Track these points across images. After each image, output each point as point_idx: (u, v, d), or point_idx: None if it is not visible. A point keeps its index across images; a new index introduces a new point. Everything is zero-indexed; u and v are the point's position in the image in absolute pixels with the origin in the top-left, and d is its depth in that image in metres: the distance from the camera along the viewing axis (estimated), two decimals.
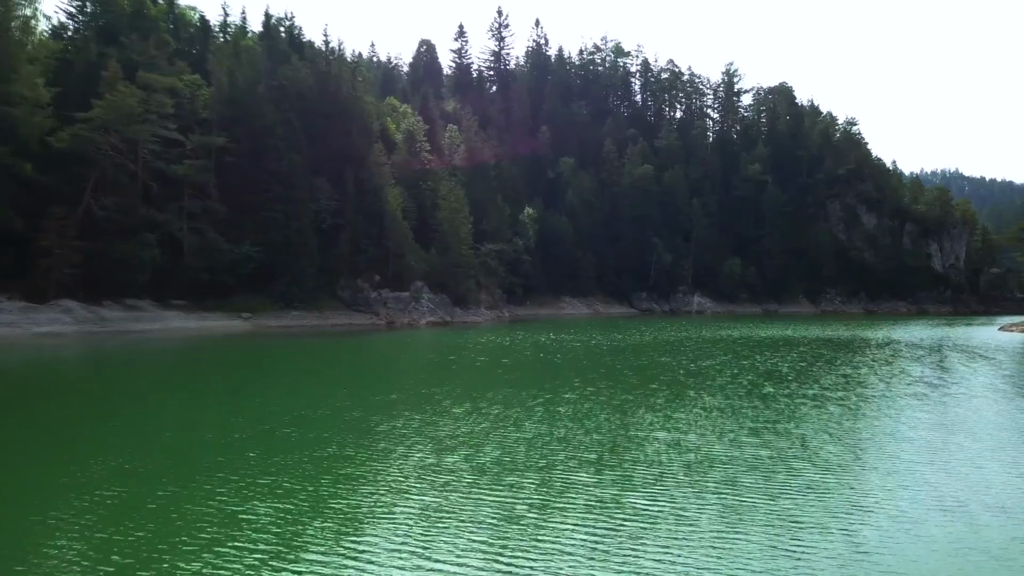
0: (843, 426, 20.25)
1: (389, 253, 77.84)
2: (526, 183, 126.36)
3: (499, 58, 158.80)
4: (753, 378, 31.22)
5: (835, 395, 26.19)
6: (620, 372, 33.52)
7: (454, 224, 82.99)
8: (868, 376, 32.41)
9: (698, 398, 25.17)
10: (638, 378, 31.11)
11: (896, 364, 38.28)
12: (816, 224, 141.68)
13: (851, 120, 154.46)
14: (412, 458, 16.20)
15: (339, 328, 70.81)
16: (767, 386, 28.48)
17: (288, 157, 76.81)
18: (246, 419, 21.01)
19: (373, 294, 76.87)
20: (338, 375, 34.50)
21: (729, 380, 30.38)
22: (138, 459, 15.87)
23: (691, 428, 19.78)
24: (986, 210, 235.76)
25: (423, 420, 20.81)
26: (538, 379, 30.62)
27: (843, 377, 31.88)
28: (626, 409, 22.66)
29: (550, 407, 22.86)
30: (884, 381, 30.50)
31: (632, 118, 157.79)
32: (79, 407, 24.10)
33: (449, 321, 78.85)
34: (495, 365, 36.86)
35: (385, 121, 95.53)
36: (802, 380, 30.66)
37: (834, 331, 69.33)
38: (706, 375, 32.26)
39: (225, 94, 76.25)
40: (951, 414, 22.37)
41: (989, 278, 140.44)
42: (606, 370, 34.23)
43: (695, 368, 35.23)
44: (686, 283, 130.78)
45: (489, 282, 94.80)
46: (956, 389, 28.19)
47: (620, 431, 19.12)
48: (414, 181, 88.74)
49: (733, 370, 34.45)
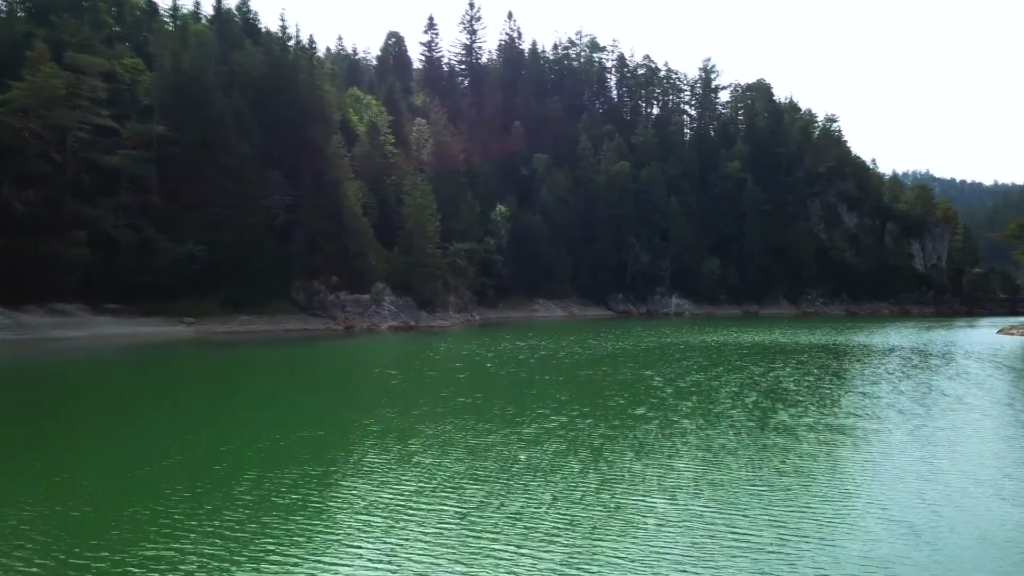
0: (906, 484, 15.17)
1: (348, 252, 72.10)
2: (498, 180, 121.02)
3: (471, 52, 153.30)
4: (758, 399, 26.19)
5: (870, 424, 21.17)
6: (598, 391, 28.34)
7: (419, 221, 77.39)
8: (895, 395, 27.52)
9: (698, 432, 20.03)
10: (619, 400, 25.92)
11: (916, 377, 33.54)
12: (797, 223, 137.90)
13: (831, 117, 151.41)
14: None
15: (292, 334, 65.01)
16: (780, 411, 23.45)
17: (238, 148, 70.92)
18: (123, 450, 15.54)
19: (330, 297, 71.10)
20: (264, 394, 28.97)
21: (731, 402, 25.31)
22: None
23: (700, 489, 14.53)
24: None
25: (321, 480, 15.45)
26: (495, 405, 25.20)
27: (865, 397, 26.97)
28: (608, 455, 17.43)
29: (504, 452, 17.58)
30: (920, 403, 25.56)
31: (608, 114, 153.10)
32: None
33: (414, 325, 73.28)
34: (447, 382, 31.49)
35: (347, 112, 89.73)
36: (820, 402, 25.69)
37: (826, 335, 64.85)
38: (701, 395, 27.17)
39: (169, 80, 70.09)
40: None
41: (972, 278, 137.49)
42: (580, 389, 29.02)
43: (686, 385, 30.13)
44: (664, 284, 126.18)
45: (458, 283, 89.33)
46: (1014, 415, 23.39)
47: (601, 502, 13.80)
48: (377, 176, 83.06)
49: (731, 387, 29.41)
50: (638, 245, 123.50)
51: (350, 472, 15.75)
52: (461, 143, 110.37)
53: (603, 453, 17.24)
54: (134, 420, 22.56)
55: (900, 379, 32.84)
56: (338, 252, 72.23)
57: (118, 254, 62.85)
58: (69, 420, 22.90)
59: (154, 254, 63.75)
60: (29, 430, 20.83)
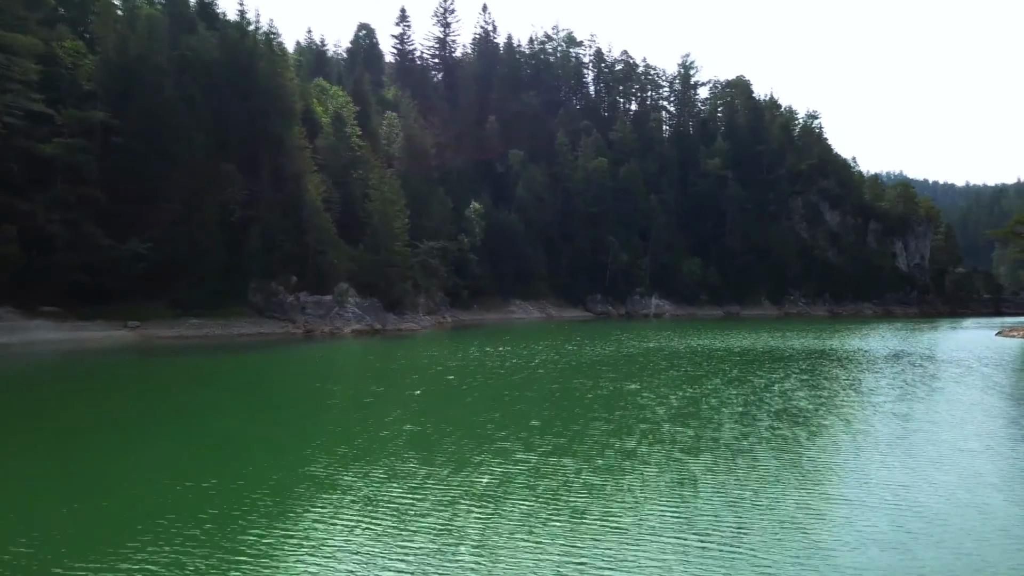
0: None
1: (309, 250, 67.21)
2: (472, 177, 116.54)
3: (444, 45, 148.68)
4: (773, 423, 21.96)
5: (930, 472, 16.97)
6: (576, 414, 23.94)
7: (386, 217, 72.60)
8: (931, 414, 23.42)
9: (712, 478, 15.64)
10: (603, 426, 21.54)
11: (946, 390, 29.56)
12: (778, 222, 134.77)
13: (813, 113, 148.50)
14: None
15: (246, 339, 60.02)
16: (805, 442, 19.19)
17: (189, 138, 65.75)
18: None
19: (289, 298, 66.19)
20: (192, 414, 24.27)
21: (740, 428, 21.03)
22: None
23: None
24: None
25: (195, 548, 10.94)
26: (447, 437, 20.31)
27: (902, 419, 22.80)
28: (593, 522, 12.99)
29: (447, 524, 13.02)
30: (984, 436, 21.46)
31: (585, 110, 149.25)
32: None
33: (380, 329, 68.54)
34: (395, 402, 26.87)
35: (311, 102, 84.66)
36: (847, 426, 21.47)
37: (819, 339, 61.08)
38: (701, 418, 22.88)
39: (113, 63, 64.79)
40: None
41: (955, 278, 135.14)
42: (555, 411, 24.57)
43: (680, 404, 25.85)
44: (643, 284, 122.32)
45: (429, 284, 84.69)
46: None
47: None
48: (342, 170, 78.18)
49: (734, 406, 25.19)
50: (617, 244, 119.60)
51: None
52: (433, 137, 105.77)
53: (586, 519, 12.86)
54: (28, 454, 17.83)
55: (928, 393, 28.89)
56: (298, 250, 67.35)
57: (54, 252, 57.54)
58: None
59: (94, 252, 58.52)
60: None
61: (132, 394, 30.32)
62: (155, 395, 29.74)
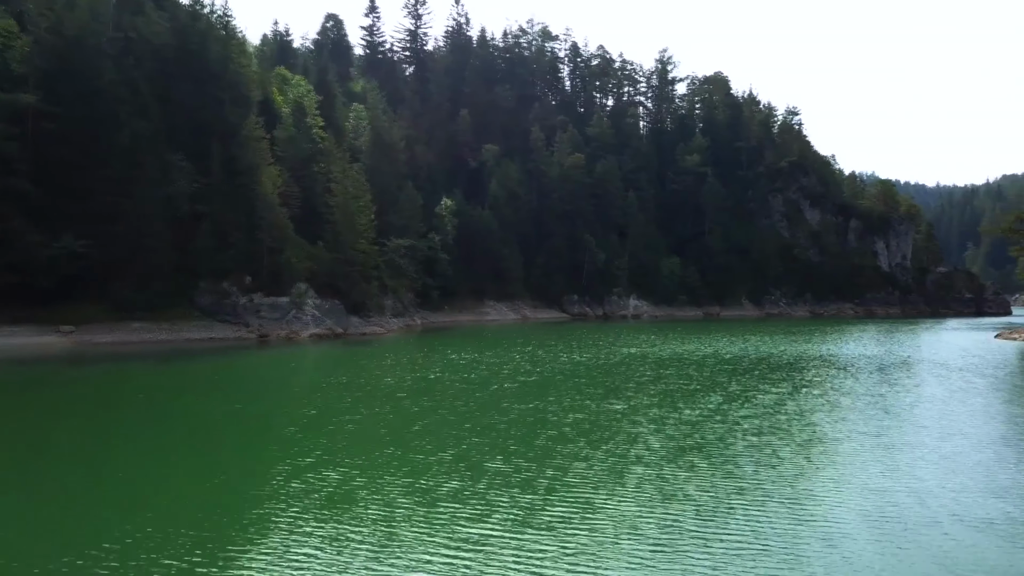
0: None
1: (263, 248, 62.17)
2: (444, 172, 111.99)
3: (415, 38, 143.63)
4: (805, 460, 17.69)
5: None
6: (550, 448, 19.53)
7: (349, 213, 67.68)
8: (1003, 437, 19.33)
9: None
10: (587, 470, 17.10)
11: (993, 408, 25.59)
12: (758, 220, 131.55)
13: (792, 110, 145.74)
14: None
15: (193, 344, 54.97)
16: (861, 493, 14.89)
17: (133, 127, 60.45)
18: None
19: (242, 300, 61.12)
20: (80, 446, 19.51)
21: (767, 470, 16.70)
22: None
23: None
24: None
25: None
26: (379, 486, 16.02)
27: (981, 449, 18.66)
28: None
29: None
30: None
31: (561, 106, 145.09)
32: None
33: (342, 333, 63.66)
34: (316, 436, 22.23)
35: (271, 91, 79.52)
36: (887, 459, 17.27)
37: (813, 343, 57.35)
38: (714, 456, 18.56)
39: (47, 45, 59.35)
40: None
41: (936, 278, 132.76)
42: (523, 447, 20.06)
43: (680, 433, 21.53)
44: (621, 284, 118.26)
45: (397, 284, 79.94)
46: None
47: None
48: (302, 162, 73.13)
49: (748, 435, 20.91)
50: (594, 243, 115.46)
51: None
52: (402, 131, 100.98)
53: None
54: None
55: (979, 412, 24.90)
56: (252, 248, 62.26)
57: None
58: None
59: (23, 249, 53.16)
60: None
61: (28, 416, 25.44)
62: (49, 418, 24.88)
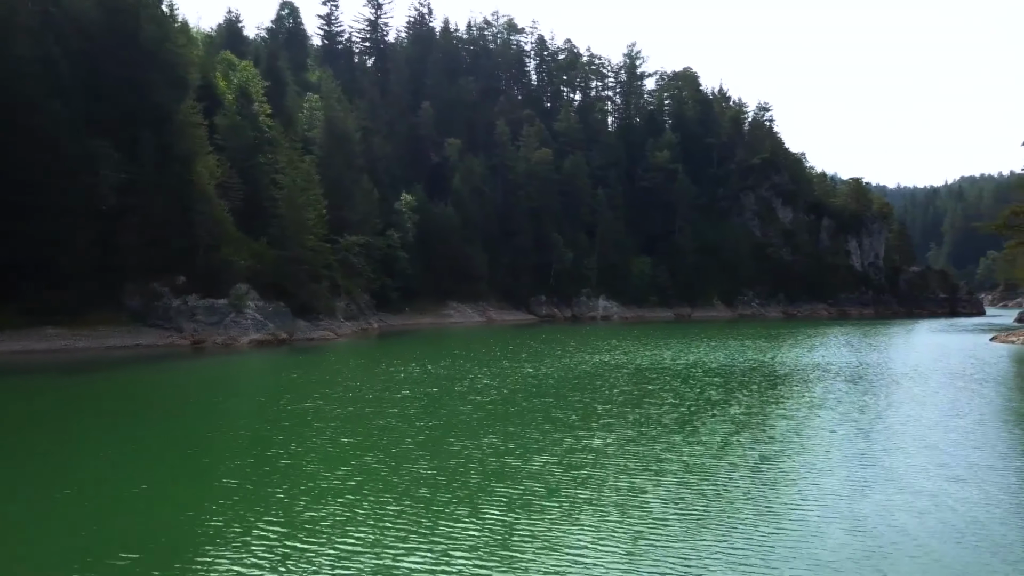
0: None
1: (199, 245, 56.18)
2: (404, 166, 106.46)
3: (376, 28, 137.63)
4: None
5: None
6: (504, 529, 14.46)
7: (296, 207, 61.91)
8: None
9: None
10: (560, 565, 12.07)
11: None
12: (730, 219, 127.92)
13: (764, 106, 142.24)
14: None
15: (116, 353, 48.93)
16: None
17: (51, 111, 54.12)
18: None
19: (175, 302, 55.08)
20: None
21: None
22: None
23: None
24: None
25: None
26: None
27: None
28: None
29: None
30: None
31: (527, 101, 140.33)
32: None
33: (287, 338, 57.90)
34: (184, 487, 17.00)
35: (213, 76, 73.37)
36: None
37: (801, 348, 53.17)
38: (732, 524, 13.63)
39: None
40: None
41: (909, 277, 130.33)
42: (467, 514, 14.95)
43: (695, 496, 16.61)
44: (590, 285, 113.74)
45: (351, 285, 74.28)
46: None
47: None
48: (247, 152, 67.20)
49: (783, 486, 16.04)
50: (562, 242, 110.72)
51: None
52: (359, 122, 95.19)
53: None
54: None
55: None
56: (187, 245, 56.25)
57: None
58: None
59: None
60: None
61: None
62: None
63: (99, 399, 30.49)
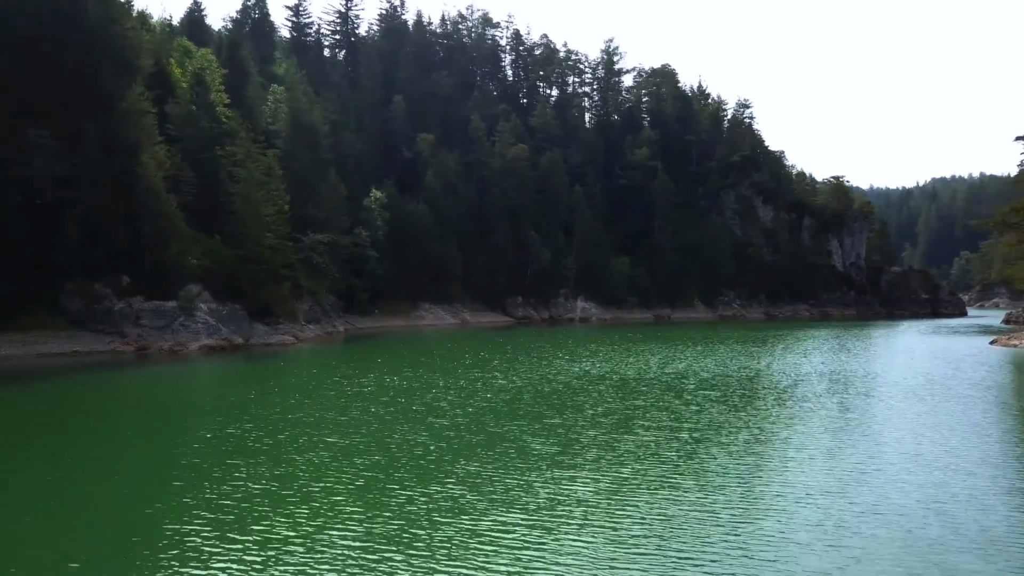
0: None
1: (146, 242, 51.70)
2: (375, 162, 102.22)
3: (346, 20, 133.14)
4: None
5: None
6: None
7: (253, 202, 57.59)
8: None
9: None
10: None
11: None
12: (710, 217, 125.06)
13: (744, 103, 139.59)
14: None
15: (48, 362, 44.44)
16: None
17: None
18: None
19: (118, 305, 50.57)
20: None
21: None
22: None
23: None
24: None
25: None
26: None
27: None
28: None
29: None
30: None
31: (503, 97, 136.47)
32: None
33: (242, 343, 53.59)
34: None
35: (168, 63, 68.76)
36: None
37: (794, 352, 50.04)
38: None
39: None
40: None
41: (890, 278, 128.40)
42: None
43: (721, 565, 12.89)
44: (568, 285, 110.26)
45: (315, 286, 70.09)
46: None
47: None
48: (202, 144, 62.68)
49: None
50: (539, 241, 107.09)
51: None
52: (328, 114, 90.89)
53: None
54: None
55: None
56: (132, 243, 51.74)
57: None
58: None
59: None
60: None
61: None
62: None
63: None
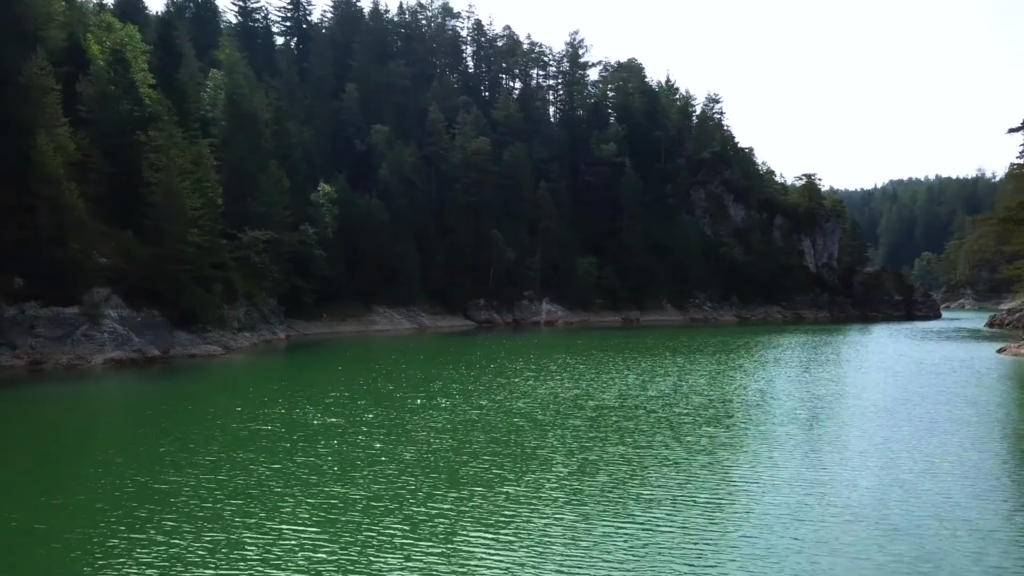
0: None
1: (43, 239, 44.28)
2: (325, 154, 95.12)
3: (298, 6, 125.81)
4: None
5: None
6: None
7: (174, 194, 50.34)
8: None
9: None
10: None
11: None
12: (679, 216, 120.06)
13: (713, 97, 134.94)
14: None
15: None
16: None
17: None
18: None
19: (9, 311, 43.13)
20: None
21: None
22: None
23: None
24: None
25: None
26: None
27: None
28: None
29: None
30: None
31: (464, 89, 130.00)
32: None
33: (159, 356, 46.42)
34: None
35: (84, 40, 61.08)
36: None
37: (792, 367, 44.84)
38: None
39: None
40: None
41: (863, 279, 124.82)
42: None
43: None
44: (533, 287, 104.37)
45: (253, 287, 63.01)
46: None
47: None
48: (120, 128, 55.25)
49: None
50: (502, 240, 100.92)
51: None
52: (271, 102, 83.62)
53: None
54: None
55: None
56: (25, 239, 44.31)
57: None
58: None
59: None
60: None
61: None
62: None
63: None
